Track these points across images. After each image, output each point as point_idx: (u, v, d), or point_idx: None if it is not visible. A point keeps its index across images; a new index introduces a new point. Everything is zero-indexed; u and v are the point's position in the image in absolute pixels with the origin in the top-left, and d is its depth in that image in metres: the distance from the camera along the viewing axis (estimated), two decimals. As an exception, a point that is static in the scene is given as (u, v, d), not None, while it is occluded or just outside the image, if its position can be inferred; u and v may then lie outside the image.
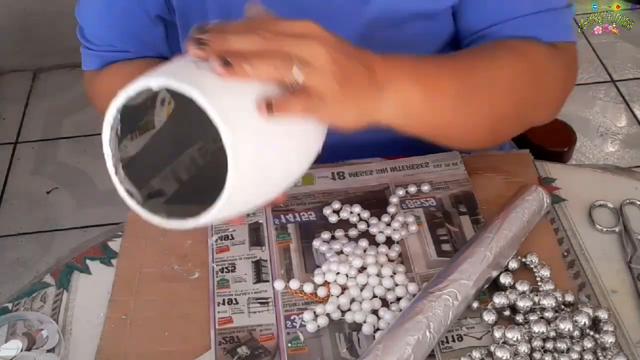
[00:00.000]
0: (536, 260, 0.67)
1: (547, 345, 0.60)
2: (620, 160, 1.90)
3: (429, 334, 0.58)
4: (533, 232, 0.69)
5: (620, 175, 0.79)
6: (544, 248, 0.69)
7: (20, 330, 0.67)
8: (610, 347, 0.60)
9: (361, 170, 0.79)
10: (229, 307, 0.66)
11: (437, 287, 0.61)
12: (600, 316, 0.62)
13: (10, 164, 2.05)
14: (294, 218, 0.74)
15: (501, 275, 0.66)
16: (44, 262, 1.74)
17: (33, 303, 0.69)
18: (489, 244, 0.64)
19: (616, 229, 0.72)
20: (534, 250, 0.68)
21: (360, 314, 0.64)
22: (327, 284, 0.68)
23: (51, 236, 1.83)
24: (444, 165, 0.79)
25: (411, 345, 0.57)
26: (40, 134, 2.14)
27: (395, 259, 0.70)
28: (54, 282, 0.71)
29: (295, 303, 0.66)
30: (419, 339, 0.57)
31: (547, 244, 0.70)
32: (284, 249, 0.72)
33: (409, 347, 0.57)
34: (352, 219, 0.74)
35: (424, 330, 0.58)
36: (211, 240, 0.72)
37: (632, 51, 2.20)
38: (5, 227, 1.86)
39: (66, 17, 2.12)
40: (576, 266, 0.69)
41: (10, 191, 1.96)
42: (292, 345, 0.63)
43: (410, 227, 0.72)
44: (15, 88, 2.29)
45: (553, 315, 0.62)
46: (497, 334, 0.61)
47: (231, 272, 0.69)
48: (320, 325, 0.64)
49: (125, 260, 0.71)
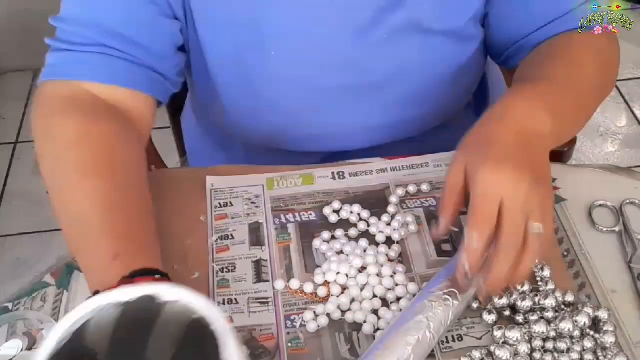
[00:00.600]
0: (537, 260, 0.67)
1: (547, 345, 0.60)
2: (620, 160, 1.90)
3: (429, 334, 0.58)
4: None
5: (620, 175, 0.78)
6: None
7: (20, 330, 0.67)
8: (610, 347, 0.60)
9: (361, 170, 0.79)
10: (229, 307, 0.66)
11: (437, 287, 0.61)
12: (600, 316, 0.62)
13: (10, 164, 2.05)
14: (294, 218, 0.74)
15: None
16: (44, 262, 1.73)
17: (33, 303, 0.69)
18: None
19: (616, 229, 0.72)
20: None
21: (361, 314, 0.64)
22: (327, 283, 0.68)
23: (51, 236, 1.83)
24: (444, 165, 0.79)
25: (411, 345, 0.57)
26: (40, 134, 2.14)
27: (395, 258, 0.70)
28: (54, 282, 0.71)
29: (295, 303, 0.66)
30: (419, 338, 0.57)
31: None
32: (284, 248, 0.72)
33: (409, 347, 0.57)
34: (352, 219, 0.74)
35: (424, 330, 0.58)
36: (211, 240, 0.72)
37: (632, 51, 2.20)
38: (5, 227, 1.86)
39: (66, 17, 2.12)
40: (576, 266, 0.69)
41: (10, 191, 1.96)
42: (292, 345, 0.63)
43: (410, 227, 0.72)
44: (15, 88, 2.29)
45: (553, 315, 0.62)
46: (497, 334, 0.61)
47: (231, 272, 0.69)
48: (320, 325, 0.64)
49: (125, 260, 0.71)
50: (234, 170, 0.80)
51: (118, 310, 0.48)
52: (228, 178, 0.78)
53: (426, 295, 0.61)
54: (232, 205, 0.75)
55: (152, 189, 0.73)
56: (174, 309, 0.48)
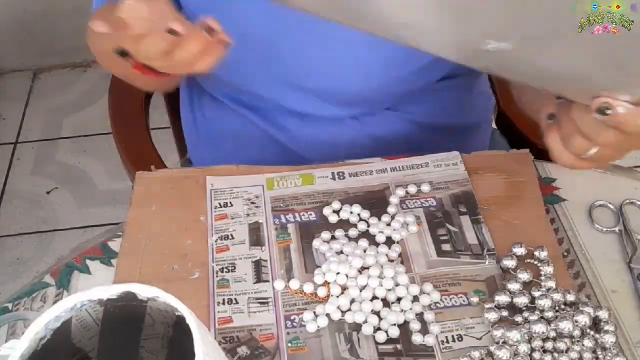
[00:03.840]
0: (544, 255, 0.68)
1: (547, 345, 0.61)
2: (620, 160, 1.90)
3: None
4: (533, 232, 0.70)
5: (620, 175, 0.79)
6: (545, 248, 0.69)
7: (20, 330, 0.67)
8: (610, 347, 0.60)
9: (361, 170, 0.79)
10: (229, 307, 0.66)
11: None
12: (600, 316, 0.62)
13: (10, 164, 2.05)
14: (294, 218, 0.74)
15: (506, 258, 0.67)
16: (44, 262, 1.74)
17: (33, 303, 0.69)
18: None
19: (616, 229, 0.72)
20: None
21: (361, 314, 0.64)
22: (327, 284, 0.68)
23: (51, 236, 1.83)
24: (444, 165, 0.79)
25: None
26: (40, 134, 2.14)
27: (395, 259, 0.70)
28: (54, 282, 0.71)
29: (295, 303, 0.66)
30: None
31: (547, 244, 0.69)
32: (284, 248, 0.72)
33: None
34: (352, 219, 0.74)
35: None
36: (211, 240, 0.72)
37: (632, 51, 2.19)
38: (5, 227, 1.86)
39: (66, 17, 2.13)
40: (576, 266, 0.69)
41: (10, 191, 1.96)
42: (292, 345, 0.63)
43: (410, 227, 0.72)
44: (15, 88, 2.29)
45: (553, 315, 0.62)
46: (497, 333, 0.61)
47: (231, 272, 0.69)
48: (320, 325, 0.64)
49: (125, 260, 0.71)
50: (234, 170, 0.80)
51: (101, 308, 0.48)
52: (228, 178, 0.78)
53: None
54: (232, 205, 0.75)
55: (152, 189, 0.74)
56: (158, 306, 0.47)
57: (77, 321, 0.48)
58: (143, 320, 0.49)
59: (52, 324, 0.46)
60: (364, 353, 0.62)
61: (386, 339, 0.63)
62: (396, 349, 0.63)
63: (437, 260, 0.69)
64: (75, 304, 0.47)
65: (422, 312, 0.65)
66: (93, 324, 0.49)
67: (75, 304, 0.47)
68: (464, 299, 0.66)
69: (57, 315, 0.46)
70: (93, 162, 2.00)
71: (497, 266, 0.68)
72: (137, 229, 0.73)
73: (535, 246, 0.69)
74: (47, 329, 0.46)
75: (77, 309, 0.47)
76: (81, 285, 0.71)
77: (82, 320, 0.48)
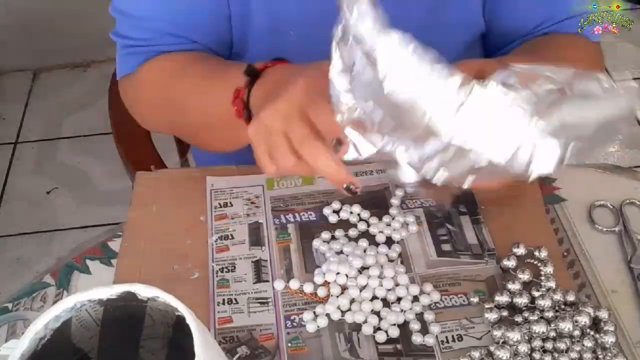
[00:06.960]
0: (544, 255, 0.68)
1: (547, 345, 0.61)
2: (620, 160, 1.90)
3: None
4: (533, 232, 0.69)
5: (620, 175, 0.79)
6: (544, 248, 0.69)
7: (20, 330, 0.67)
8: (610, 347, 0.60)
9: (361, 170, 0.79)
10: (229, 307, 0.66)
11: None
12: (600, 316, 0.62)
13: (10, 164, 2.05)
14: (294, 218, 0.74)
15: (506, 258, 0.67)
16: (44, 262, 1.73)
17: (33, 303, 0.69)
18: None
19: (616, 229, 0.72)
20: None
21: (360, 314, 0.64)
22: (327, 284, 0.68)
23: (51, 236, 1.83)
24: (444, 165, 0.79)
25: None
26: (40, 134, 2.14)
27: (395, 259, 0.70)
28: (54, 282, 0.71)
29: (295, 303, 0.66)
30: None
31: (547, 244, 0.69)
32: (284, 249, 0.72)
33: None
34: (352, 219, 0.74)
35: None
36: (211, 240, 0.72)
37: (632, 51, 2.19)
38: (5, 227, 1.86)
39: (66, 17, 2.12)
40: (576, 266, 0.69)
41: (10, 191, 1.96)
42: (292, 345, 0.63)
43: (410, 227, 0.72)
44: (15, 88, 2.29)
45: (553, 315, 0.62)
46: (497, 333, 0.61)
47: (231, 272, 0.69)
48: (320, 325, 0.64)
49: (125, 260, 0.71)
50: (234, 170, 0.80)
51: (101, 308, 0.48)
52: (228, 178, 0.78)
53: None
54: (232, 206, 0.75)
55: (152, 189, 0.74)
56: (157, 306, 0.47)
57: (77, 321, 0.48)
58: (143, 320, 0.49)
59: (52, 324, 0.46)
60: (364, 353, 0.62)
61: (386, 339, 0.63)
62: (396, 349, 0.63)
63: (437, 260, 0.69)
64: (75, 304, 0.47)
65: (422, 312, 0.65)
66: (93, 324, 0.49)
67: (75, 304, 0.47)
68: (464, 299, 0.66)
69: (57, 315, 0.46)
70: (93, 162, 2.00)
71: (497, 266, 0.68)
72: (137, 229, 0.73)
73: (535, 246, 0.69)
74: (47, 329, 0.46)
75: (77, 309, 0.47)
76: (81, 285, 0.71)
77: (82, 320, 0.48)
